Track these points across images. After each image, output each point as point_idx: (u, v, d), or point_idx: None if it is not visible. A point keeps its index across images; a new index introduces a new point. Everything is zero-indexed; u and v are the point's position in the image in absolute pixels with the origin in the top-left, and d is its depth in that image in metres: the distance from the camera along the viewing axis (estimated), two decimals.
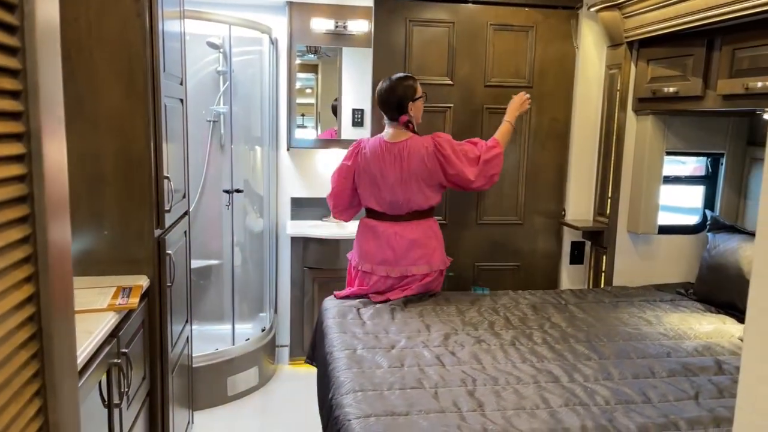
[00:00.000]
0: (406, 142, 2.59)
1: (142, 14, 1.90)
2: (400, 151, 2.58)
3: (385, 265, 2.62)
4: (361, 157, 2.64)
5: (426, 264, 2.63)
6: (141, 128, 1.97)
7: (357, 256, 2.72)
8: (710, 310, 2.64)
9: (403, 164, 2.57)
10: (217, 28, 3.37)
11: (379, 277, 2.64)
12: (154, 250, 2.05)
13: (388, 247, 2.62)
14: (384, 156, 2.58)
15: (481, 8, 2.96)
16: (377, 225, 2.66)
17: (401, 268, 2.62)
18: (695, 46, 2.49)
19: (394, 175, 2.58)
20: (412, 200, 2.61)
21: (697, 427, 1.65)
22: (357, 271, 2.71)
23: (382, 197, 2.62)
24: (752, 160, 3.00)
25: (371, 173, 2.61)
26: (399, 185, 2.58)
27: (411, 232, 2.62)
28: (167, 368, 2.18)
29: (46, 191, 0.66)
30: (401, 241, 2.61)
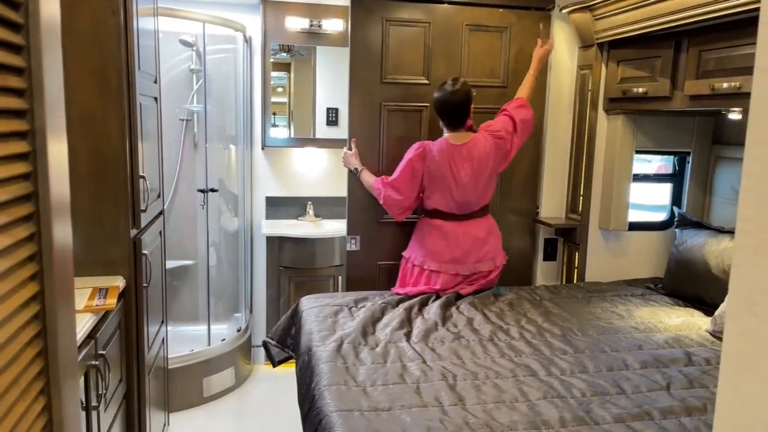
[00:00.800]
0: (472, 141, 2.70)
1: (116, 12, 1.88)
2: (470, 151, 2.68)
3: (454, 263, 2.72)
4: (430, 161, 2.67)
5: (491, 260, 2.78)
6: (115, 127, 1.94)
7: (421, 256, 2.76)
8: (678, 303, 2.72)
9: (474, 163, 2.67)
10: (190, 25, 3.33)
11: (449, 275, 2.71)
12: (130, 251, 2.03)
13: (456, 247, 2.71)
14: (455, 158, 2.67)
15: (456, 9, 2.99)
16: (444, 225, 2.73)
17: (470, 266, 2.74)
18: (663, 47, 2.56)
19: (466, 176, 2.67)
20: (480, 198, 2.75)
21: (670, 417, 1.71)
22: (421, 269, 2.75)
23: (453, 198, 2.70)
24: (717, 159, 3.10)
25: (443, 176, 2.67)
26: (472, 184, 2.69)
27: (477, 231, 2.75)
28: (144, 370, 2.16)
29: (51, 189, 0.65)
30: (469, 239, 2.72)
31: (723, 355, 0.62)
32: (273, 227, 3.59)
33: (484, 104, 3.09)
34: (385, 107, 2.98)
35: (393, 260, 3.08)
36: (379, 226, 3.06)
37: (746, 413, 0.59)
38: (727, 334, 0.62)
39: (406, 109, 3.01)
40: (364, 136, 2.99)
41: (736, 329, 0.61)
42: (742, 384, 0.60)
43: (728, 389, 0.61)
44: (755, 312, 0.59)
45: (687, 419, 1.70)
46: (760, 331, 0.58)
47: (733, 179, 3.00)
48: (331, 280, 3.62)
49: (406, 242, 3.03)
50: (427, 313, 2.48)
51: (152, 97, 2.33)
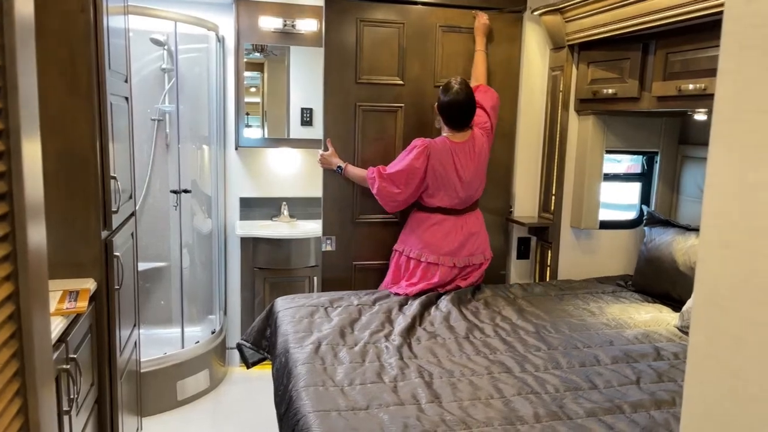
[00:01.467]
0: (472, 137, 2.76)
1: (85, 9, 1.85)
2: (471, 147, 2.75)
3: (452, 255, 2.76)
4: (435, 161, 2.70)
5: (481, 254, 2.87)
6: (85, 127, 1.91)
7: (417, 248, 2.78)
8: (648, 300, 2.79)
9: (475, 159, 2.75)
10: (161, 24, 3.29)
11: (447, 268, 2.75)
12: (101, 252, 1.99)
13: (454, 239, 2.77)
14: (459, 156, 2.72)
15: (430, 10, 3.01)
16: (444, 219, 2.78)
17: (464, 259, 2.80)
18: (631, 50, 2.62)
19: (470, 172, 2.74)
20: (479, 191, 2.84)
21: (640, 410, 1.75)
22: (418, 261, 2.77)
23: (458, 195, 2.75)
24: (683, 158, 3.18)
25: (448, 175, 2.71)
26: (475, 180, 2.78)
27: (472, 225, 2.83)
28: (116, 374, 2.12)
29: (25, 189, 0.64)
30: (464, 232, 2.79)
31: (689, 347, 0.64)
32: (247, 228, 3.56)
33: None
34: (360, 107, 2.99)
35: (369, 260, 3.09)
36: (354, 227, 3.06)
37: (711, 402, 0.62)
38: (693, 326, 0.64)
39: (381, 109, 3.02)
40: (340, 137, 2.99)
41: (701, 321, 0.63)
42: (707, 373, 0.62)
43: (694, 379, 0.63)
44: (719, 304, 0.61)
45: (656, 412, 1.74)
46: (724, 322, 0.61)
47: (698, 178, 3.08)
48: (307, 281, 3.61)
49: (382, 242, 3.04)
50: (407, 311, 2.49)
51: (123, 96, 2.30)
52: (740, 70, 0.56)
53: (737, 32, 0.55)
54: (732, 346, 0.59)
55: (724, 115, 0.58)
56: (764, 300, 0.56)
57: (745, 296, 0.58)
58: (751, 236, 0.58)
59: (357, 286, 3.03)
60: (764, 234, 0.56)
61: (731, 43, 0.56)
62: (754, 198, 0.57)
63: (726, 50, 0.57)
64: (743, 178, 0.58)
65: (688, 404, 0.65)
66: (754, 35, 0.53)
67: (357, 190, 3.04)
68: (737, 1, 0.54)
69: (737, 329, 0.59)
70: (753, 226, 0.58)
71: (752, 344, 0.57)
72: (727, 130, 0.58)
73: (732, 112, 0.57)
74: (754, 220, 0.57)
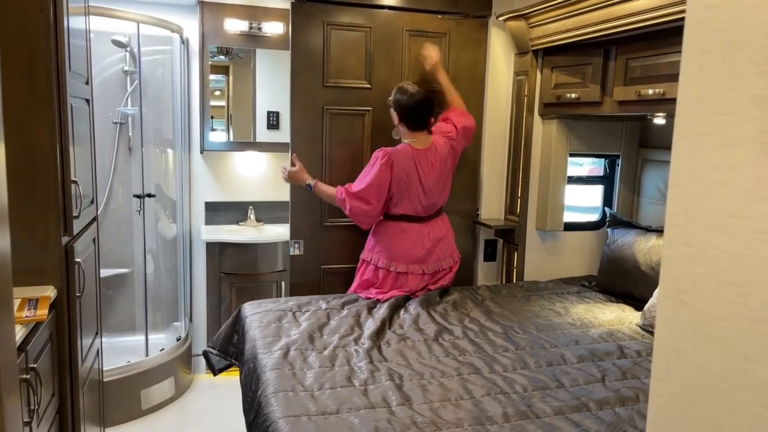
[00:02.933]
0: (433, 144, 2.75)
1: (45, 9, 1.80)
2: (433, 154, 2.73)
3: (420, 263, 2.78)
4: (397, 169, 2.67)
5: (450, 257, 2.88)
6: (45, 129, 1.85)
7: (385, 258, 2.77)
8: (611, 299, 2.85)
9: (437, 166, 2.74)
10: (123, 25, 3.22)
11: (417, 275, 2.76)
12: (61, 259, 1.94)
13: (421, 247, 2.76)
14: (421, 163, 2.70)
15: (397, 14, 3.03)
16: (409, 227, 2.77)
17: (433, 264, 2.80)
18: (593, 55, 2.69)
19: (432, 179, 2.72)
20: (442, 198, 2.83)
21: (606, 407, 1.79)
22: (387, 271, 2.76)
23: (421, 203, 2.74)
24: (644, 161, 3.27)
25: (411, 182, 2.69)
26: (437, 187, 2.76)
27: (438, 230, 2.82)
28: (77, 383, 2.06)
29: None
30: (431, 239, 2.79)
31: (655, 342, 0.66)
32: (213, 233, 3.51)
33: None
34: (327, 111, 2.98)
35: (338, 264, 3.08)
36: (323, 230, 3.05)
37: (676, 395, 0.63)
38: (658, 322, 0.66)
39: (349, 112, 3.02)
40: (307, 140, 2.98)
41: (666, 317, 0.65)
42: (672, 367, 0.64)
43: (660, 373, 0.65)
44: (683, 300, 0.63)
45: (621, 409, 1.78)
46: (688, 317, 0.63)
47: (658, 181, 3.17)
48: (274, 286, 3.58)
49: (351, 246, 3.04)
50: (376, 315, 2.49)
51: (84, 98, 2.24)
52: (701, 74, 0.58)
53: (698, 37, 0.57)
54: (696, 340, 0.61)
55: (686, 118, 0.60)
56: (726, 296, 0.58)
57: (708, 292, 0.60)
58: (713, 234, 0.60)
59: (326, 290, 3.02)
60: (725, 232, 0.58)
61: (692, 48, 0.58)
62: (715, 197, 0.59)
63: (688, 55, 0.59)
64: (705, 178, 0.60)
65: (654, 398, 0.66)
66: (714, 40, 0.56)
67: None
68: (698, 7, 0.56)
69: (700, 324, 0.61)
70: (714, 224, 0.60)
71: (715, 338, 0.59)
72: (689, 132, 0.60)
73: (693, 115, 0.59)
74: (716, 218, 0.59)
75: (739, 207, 0.57)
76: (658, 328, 0.66)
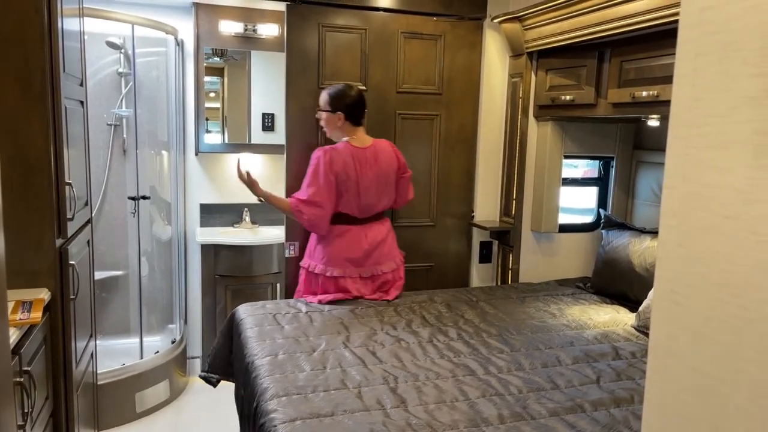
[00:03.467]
0: (373, 145, 2.72)
1: (39, 11, 1.79)
2: (373, 154, 2.70)
3: (356, 266, 2.71)
4: (337, 166, 2.61)
5: (391, 260, 2.80)
6: (39, 131, 1.85)
7: (321, 263, 2.70)
8: (606, 301, 2.86)
9: (377, 168, 2.69)
10: (118, 27, 3.21)
11: (354, 279, 2.70)
12: (55, 261, 1.93)
13: (357, 249, 2.70)
14: (360, 161, 2.66)
15: (392, 16, 3.04)
16: (347, 229, 2.70)
17: (370, 268, 2.73)
18: (588, 57, 2.70)
19: (369, 179, 2.67)
20: (382, 201, 2.76)
21: (600, 408, 1.79)
22: (325, 277, 2.69)
23: (358, 202, 2.68)
24: (638, 163, 3.28)
25: (349, 180, 2.63)
26: (373, 188, 2.69)
27: (377, 234, 2.75)
28: (71, 386, 2.05)
29: None
30: (368, 242, 2.72)
31: (650, 343, 0.66)
32: (208, 235, 3.50)
33: (420, 110, 3.16)
34: None
35: None
36: None
37: (672, 396, 0.64)
38: (653, 323, 0.67)
39: None
40: (303, 142, 2.98)
41: (661, 318, 0.65)
42: (667, 368, 0.64)
43: (655, 374, 0.65)
44: (677, 301, 0.63)
45: (616, 410, 1.78)
46: (683, 318, 0.63)
47: (652, 182, 3.18)
48: (270, 288, 3.57)
49: None
50: (364, 316, 2.49)
51: (78, 100, 2.24)
52: (696, 76, 0.58)
53: (692, 39, 0.57)
54: (691, 341, 0.61)
55: (681, 119, 0.61)
56: (720, 296, 0.59)
57: (702, 293, 0.61)
58: (707, 235, 0.60)
59: None
60: (719, 233, 0.59)
61: (687, 49, 0.58)
62: (709, 198, 0.59)
63: (682, 57, 0.59)
64: (698, 180, 0.60)
65: (650, 398, 0.67)
66: (708, 42, 0.56)
67: None
68: (692, 9, 0.57)
69: (695, 325, 0.61)
70: (708, 225, 0.60)
71: (709, 339, 0.60)
72: (683, 134, 0.61)
73: (688, 116, 0.60)
74: (710, 219, 0.60)
75: (733, 208, 0.57)
76: (653, 329, 0.67)
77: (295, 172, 2.96)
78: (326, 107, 2.71)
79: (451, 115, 3.23)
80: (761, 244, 0.55)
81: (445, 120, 3.22)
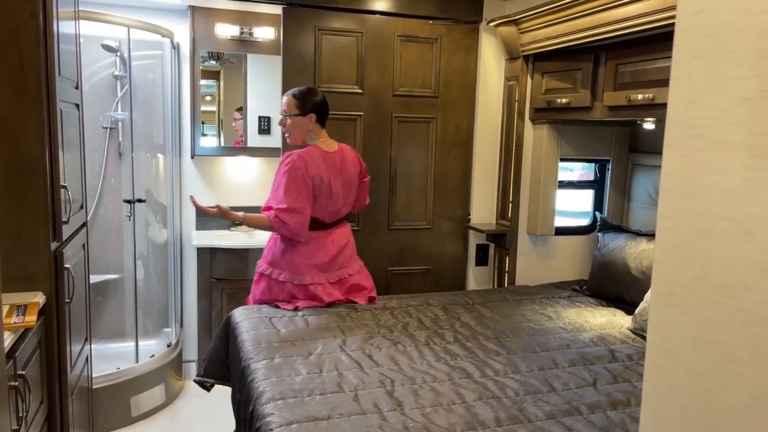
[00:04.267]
0: (340, 150, 2.67)
1: (35, 14, 1.78)
2: (341, 158, 2.65)
3: (323, 272, 2.64)
4: (314, 171, 2.54)
5: (355, 263, 2.76)
6: (34, 134, 1.84)
7: (288, 270, 2.61)
8: (602, 303, 2.86)
9: (344, 172, 2.65)
10: (114, 30, 3.21)
11: (323, 285, 2.63)
12: (50, 264, 1.92)
13: (324, 254, 2.64)
14: (329, 166, 2.60)
15: (388, 20, 3.04)
16: (315, 235, 2.62)
17: (336, 273, 2.68)
18: (583, 61, 2.71)
19: (338, 184, 2.63)
20: (347, 205, 2.72)
21: (597, 411, 1.79)
22: (293, 285, 2.60)
23: (328, 207, 2.63)
24: (634, 166, 3.29)
25: (321, 184, 2.57)
26: (342, 193, 2.65)
27: (340, 237, 2.71)
28: (66, 391, 2.04)
29: None
30: (334, 247, 2.67)
31: (647, 345, 0.66)
32: (204, 238, 3.49)
33: (417, 113, 3.16)
34: None
35: None
36: None
37: (669, 398, 0.64)
38: (650, 325, 0.67)
39: (341, 117, 3.02)
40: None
41: (657, 319, 0.65)
42: (664, 370, 0.64)
43: (652, 376, 0.65)
44: (674, 303, 0.63)
45: (613, 413, 1.78)
46: (680, 320, 0.63)
47: (648, 185, 3.19)
48: None
49: None
50: (361, 320, 2.48)
51: (73, 103, 2.23)
52: (691, 78, 0.58)
53: (688, 41, 0.58)
54: (688, 343, 0.61)
55: (677, 121, 0.61)
56: (716, 298, 0.59)
57: (699, 295, 0.61)
58: (703, 237, 0.60)
59: None
60: (715, 234, 0.59)
61: (682, 52, 0.58)
62: (705, 199, 0.59)
63: (678, 59, 0.60)
64: (694, 181, 0.60)
65: (647, 400, 0.67)
66: (703, 44, 0.56)
67: None
68: (688, 12, 0.57)
69: (692, 327, 0.61)
70: (704, 227, 0.60)
71: (706, 341, 0.60)
72: (679, 135, 0.61)
73: (684, 118, 0.60)
74: (705, 221, 0.60)
75: (728, 209, 0.57)
76: (650, 331, 0.67)
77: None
78: (294, 111, 2.59)
79: (447, 118, 3.23)
80: (757, 245, 0.55)
81: (441, 123, 3.23)
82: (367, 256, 3.17)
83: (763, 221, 0.54)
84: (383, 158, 3.15)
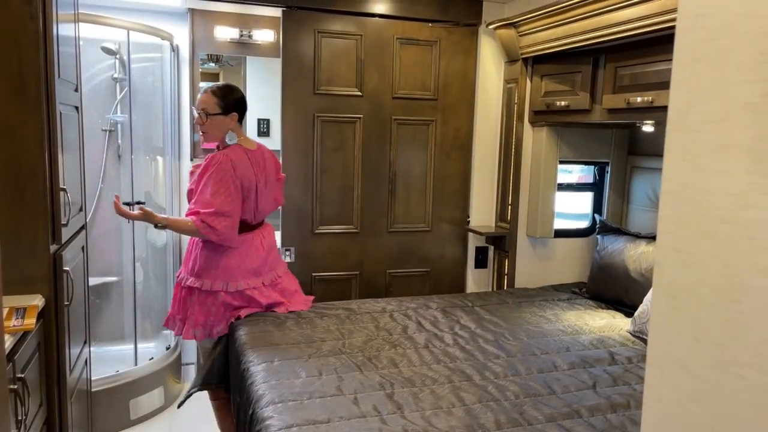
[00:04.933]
0: (260, 148, 2.55)
1: (35, 16, 1.78)
2: (261, 156, 2.53)
3: (256, 276, 2.52)
4: (241, 171, 2.41)
5: (280, 264, 2.66)
6: (34, 137, 1.84)
7: (220, 278, 2.45)
8: (601, 306, 2.86)
9: (266, 170, 2.53)
10: (113, 33, 3.21)
11: (260, 290, 2.52)
12: (49, 267, 1.92)
13: (256, 257, 2.51)
14: (254, 165, 2.47)
15: (387, 22, 3.05)
16: (243, 238, 2.48)
17: (269, 275, 2.58)
18: (583, 63, 2.71)
19: (263, 182, 2.51)
20: (270, 204, 2.61)
21: (597, 414, 1.79)
22: (225, 293, 2.46)
23: (256, 207, 2.51)
24: (633, 168, 3.29)
25: (250, 185, 2.46)
26: (266, 191, 2.54)
27: (268, 237, 2.60)
28: (65, 393, 2.04)
29: None
30: (265, 248, 2.56)
31: (648, 348, 0.66)
32: None
33: (416, 116, 3.16)
34: (318, 118, 2.99)
35: (328, 271, 3.07)
36: (313, 238, 3.04)
37: (670, 402, 0.64)
38: (651, 328, 0.67)
39: (340, 120, 3.02)
40: (298, 147, 2.98)
41: (659, 323, 0.65)
42: (665, 374, 0.64)
43: (654, 379, 0.65)
44: (675, 306, 0.63)
45: (613, 415, 1.78)
46: (681, 324, 0.63)
47: (647, 187, 3.19)
48: None
49: (342, 254, 3.03)
50: (360, 323, 2.48)
51: (73, 105, 2.23)
52: (692, 81, 0.58)
53: (689, 45, 0.58)
54: (688, 346, 0.61)
55: (678, 125, 0.61)
56: (718, 301, 0.59)
57: (700, 298, 0.61)
58: (704, 240, 0.60)
59: (317, 297, 3.01)
60: (716, 238, 0.59)
61: (684, 55, 0.58)
62: (705, 203, 0.59)
63: (678, 62, 0.60)
64: (696, 185, 0.60)
65: (648, 404, 0.66)
66: (704, 48, 0.56)
67: (317, 200, 3.03)
68: (688, 15, 0.57)
69: (693, 330, 0.61)
70: (705, 230, 0.60)
71: (708, 344, 0.60)
72: (680, 139, 0.61)
73: (685, 122, 0.60)
74: (707, 224, 0.60)
75: (729, 213, 0.57)
76: (651, 334, 0.67)
77: (292, 178, 2.96)
78: (215, 110, 2.43)
79: (446, 120, 3.23)
80: (758, 249, 0.55)
81: (440, 125, 3.23)
82: (367, 258, 3.18)
83: (764, 225, 0.54)
84: (383, 161, 3.15)
